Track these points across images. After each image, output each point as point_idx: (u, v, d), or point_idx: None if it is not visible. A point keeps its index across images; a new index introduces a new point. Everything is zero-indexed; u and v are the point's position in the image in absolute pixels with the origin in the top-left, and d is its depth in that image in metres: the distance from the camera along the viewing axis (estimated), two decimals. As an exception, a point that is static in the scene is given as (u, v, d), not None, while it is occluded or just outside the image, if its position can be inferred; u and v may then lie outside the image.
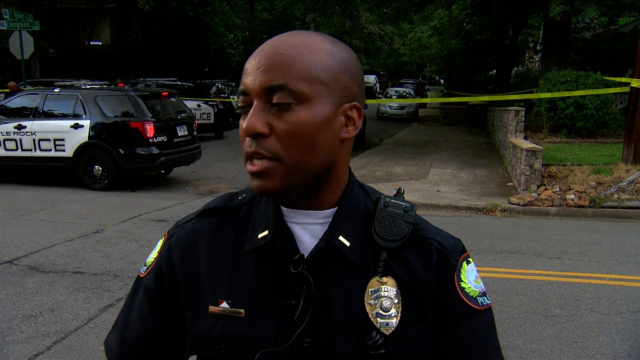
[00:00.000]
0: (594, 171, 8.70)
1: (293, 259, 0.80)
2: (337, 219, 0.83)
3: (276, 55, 0.76)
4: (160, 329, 0.90)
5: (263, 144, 0.76)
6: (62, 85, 9.77)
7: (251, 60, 0.78)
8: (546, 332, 3.82)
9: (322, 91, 0.76)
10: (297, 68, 0.75)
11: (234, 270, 0.85)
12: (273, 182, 0.77)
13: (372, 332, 0.80)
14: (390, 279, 0.82)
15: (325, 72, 0.77)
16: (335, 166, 0.82)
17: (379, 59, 48.59)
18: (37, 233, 6.07)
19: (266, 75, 0.75)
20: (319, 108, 0.76)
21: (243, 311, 0.82)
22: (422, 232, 0.86)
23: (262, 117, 0.76)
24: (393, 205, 0.85)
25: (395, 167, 11.19)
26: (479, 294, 0.87)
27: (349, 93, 0.80)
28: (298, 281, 0.80)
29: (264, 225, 0.84)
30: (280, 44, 0.77)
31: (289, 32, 0.80)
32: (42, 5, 21.09)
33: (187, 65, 23.01)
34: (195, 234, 0.89)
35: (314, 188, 0.81)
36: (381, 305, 0.81)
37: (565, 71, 12.92)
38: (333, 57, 0.78)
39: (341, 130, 0.80)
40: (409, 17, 24.23)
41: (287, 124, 0.75)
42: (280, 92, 0.74)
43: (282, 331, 0.80)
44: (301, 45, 0.77)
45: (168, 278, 0.88)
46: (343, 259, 0.82)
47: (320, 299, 0.80)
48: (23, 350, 3.44)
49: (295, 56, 0.76)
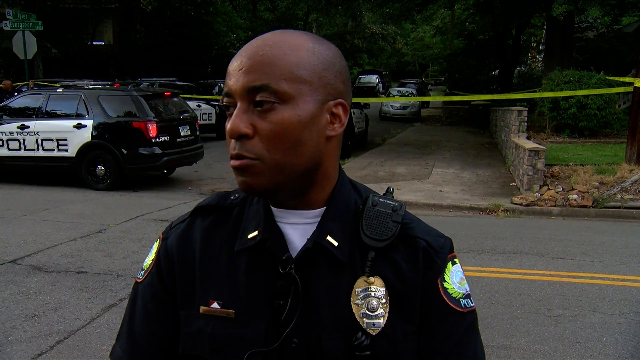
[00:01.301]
0: (596, 171, 8.67)
1: (281, 259, 0.80)
2: (325, 218, 0.83)
3: (257, 56, 0.76)
4: (168, 328, 0.88)
5: (246, 146, 0.76)
6: (65, 85, 9.77)
7: (234, 62, 0.78)
8: (549, 333, 3.81)
9: (305, 90, 0.76)
10: (278, 67, 0.75)
11: (224, 270, 0.84)
12: (257, 180, 0.77)
13: (358, 333, 0.79)
14: (377, 279, 0.81)
15: (307, 71, 0.76)
16: (322, 164, 0.81)
17: (381, 59, 48.54)
18: (40, 233, 6.08)
19: (248, 76, 0.75)
20: (303, 107, 0.76)
21: (233, 312, 0.82)
22: (411, 231, 0.85)
23: (245, 119, 0.76)
24: (381, 204, 0.84)
25: (397, 167, 11.18)
26: (462, 295, 0.86)
27: (334, 90, 0.79)
28: (286, 281, 0.80)
29: (255, 225, 0.84)
30: (262, 44, 0.77)
31: (271, 32, 0.80)
32: (45, 5, 21.14)
33: (189, 65, 23.03)
34: (190, 234, 0.89)
35: (301, 187, 0.81)
36: (368, 305, 0.80)
37: (568, 71, 12.89)
38: (315, 55, 0.78)
39: (327, 127, 0.79)
40: (411, 17, 24.17)
41: (271, 124, 0.75)
42: (263, 92, 0.74)
43: (271, 331, 0.80)
44: (282, 44, 0.77)
45: (167, 277, 0.88)
46: (331, 259, 0.81)
47: (308, 299, 0.80)
48: (26, 349, 3.45)
49: (277, 55, 0.75)
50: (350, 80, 0.85)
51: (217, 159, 12.02)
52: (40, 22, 13.64)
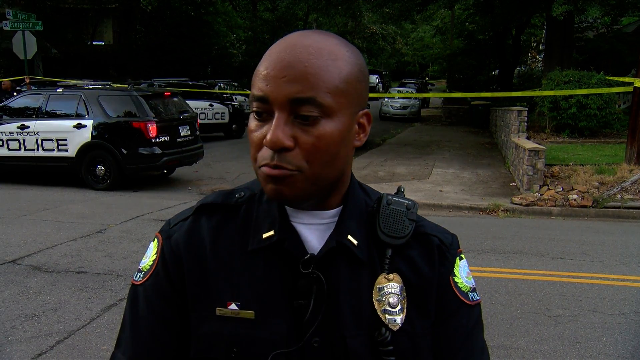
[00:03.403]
0: (596, 171, 8.68)
1: (303, 259, 0.80)
2: (343, 218, 0.83)
3: (301, 65, 0.73)
4: (177, 331, 0.85)
5: (286, 157, 0.74)
6: (65, 85, 9.77)
7: (270, 66, 0.74)
8: (549, 333, 3.81)
9: (344, 102, 0.76)
10: (323, 80, 0.73)
11: (239, 270, 0.83)
12: (293, 190, 0.76)
13: (381, 329, 0.81)
14: (396, 276, 0.83)
15: (346, 83, 0.75)
16: (345, 172, 0.83)
17: (381, 59, 48.51)
18: (40, 233, 6.08)
19: (292, 86, 0.72)
20: (342, 120, 0.76)
21: (253, 313, 0.81)
22: (423, 228, 0.87)
23: (287, 131, 0.73)
24: (396, 203, 0.86)
25: (397, 167, 11.19)
26: (470, 289, 0.89)
27: (362, 100, 0.80)
28: (307, 281, 0.80)
29: (268, 225, 0.83)
30: (303, 52, 0.74)
31: (305, 35, 0.77)
32: (45, 5, 21.16)
33: (189, 65, 23.06)
34: (197, 233, 0.86)
35: (326, 194, 0.82)
36: (388, 302, 0.82)
37: (568, 71, 12.90)
38: (351, 65, 0.77)
39: (355, 138, 0.80)
40: (411, 17, 24.19)
41: (313, 138, 0.74)
42: (308, 106, 0.73)
43: (292, 332, 0.80)
44: (323, 52, 0.75)
45: (175, 276, 0.85)
46: (351, 258, 0.82)
47: (330, 299, 0.80)
48: (26, 349, 3.45)
49: (321, 66, 0.73)
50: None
51: (217, 159, 12.03)
52: (40, 22, 13.63)
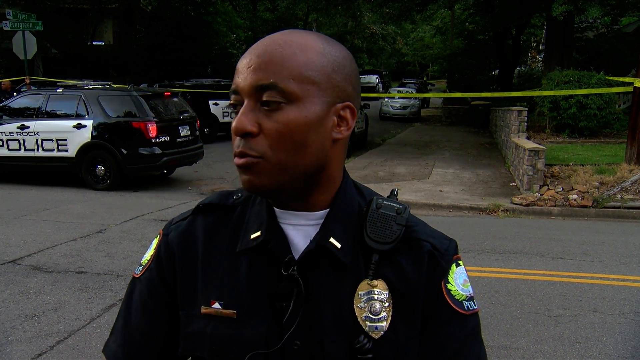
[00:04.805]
0: (596, 171, 8.68)
1: (284, 261, 0.80)
2: (328, 220, 0.82)
3: (266, 54, 0.75)
4: (165, 325, 0.87)
5: (250, 144, 0.75)
6: (65, 85, 9.77)
7: (243, 59, 0.78)
8: (549, 333, 3.81)
9: (313, 91, 0.75)
10: (287, 67, 0.74)
11: (226, 270, 0.84)
12: (260, 179, 0.76)
13: (360, 336, 0.79)
14: (381, 282, 0.81)
15: (316, 72, 0.76)
16: (327, 167, 0.81)
17: (381, 59, 48.50)
18: (40, 233, 6.08)
19: (256, 74, 0.75)
20: (310, 108, 0.75)
21: (235, 312, 0.81)
22: (415, 234, 0.84)
23: (251, 117, 0.75)
24: (385, 207, 0.83)
25: (397, 167, 11.18)
26: (465, 297, 0.85)
27: (342, 93, 0.79)
28: (289, 283, 0.79)
29: (257, 226, 0.84)
30: (271, 43, 0.76)
31: (282, 31, 0.80)
32: (45, 5, 21.15)
33: (189, 65, 23.03)
34: (192, 232, 0.88)
35: (305, 189, 0.80)
36: (371, 309, 0.80)
37: (568, 71, 12.90)
38: (325, 56, 0.77)
39: (333, 130, 0.79)
40: (411, 17, 24.19)
41: (277, 124, 0.74)
42: (270, 91, 0.74)
43: (273, 333, 0.79)
44: (292, 43, 0.76)
45: (167, 273, 0.87)
46: (334, 261, 0.81)
47: (310, 301, 0.79)
48: (26, 349, 3.45)
49: (286, 55, 0.75)
50: (360, 84, 0.85)
51: (217, 159, 12.02)
52: (40, 22, 13.62)
